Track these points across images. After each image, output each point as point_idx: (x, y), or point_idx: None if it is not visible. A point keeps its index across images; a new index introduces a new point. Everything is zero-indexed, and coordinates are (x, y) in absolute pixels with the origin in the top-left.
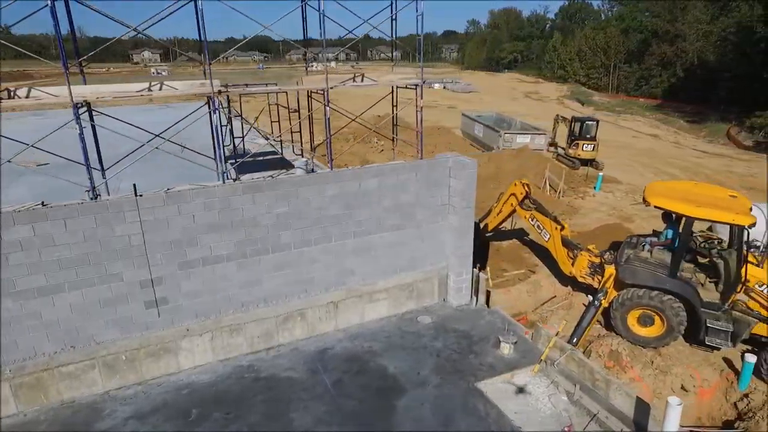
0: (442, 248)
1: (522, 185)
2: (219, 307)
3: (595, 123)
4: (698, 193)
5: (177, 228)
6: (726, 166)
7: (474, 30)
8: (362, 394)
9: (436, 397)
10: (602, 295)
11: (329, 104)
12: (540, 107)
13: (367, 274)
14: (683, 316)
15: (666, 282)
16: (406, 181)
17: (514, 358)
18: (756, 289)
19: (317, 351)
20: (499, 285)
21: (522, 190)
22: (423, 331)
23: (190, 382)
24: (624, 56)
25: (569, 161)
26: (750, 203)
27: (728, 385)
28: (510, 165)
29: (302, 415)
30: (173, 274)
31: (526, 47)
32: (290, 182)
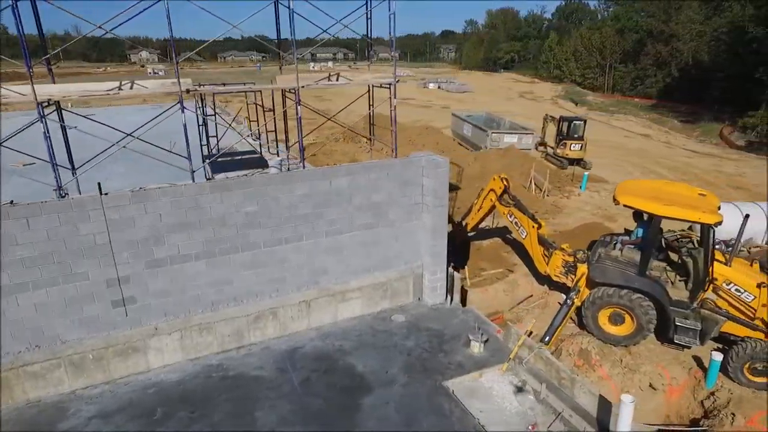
0: (416, 247)
1: (500, 180)
2: (188, 306)
3: (582, 123)
4: (668, 191)
5: (143, 227)
6: (715, 165)
7: (472, 30)
8: (328, 393)
9: (402, 396)
10: (574, 294)
11: (300, 103)
12: (534, 107)
13: (339, 273)
14: (652, 315)
15: (635, 280)
16: (378, 180)
17: (483, 356)
18: (723, 287)
19: (288, 350)
20: (477, 284)
21: (500, 184)
22: (395, 329)
23: (157, 381)
24: (619, 56)
25: (557, 161)
26: (718, 202)
27: (696, 384)
28: (496, 164)
29: (266, 414)
30: (140, 273)
31: (523, 47)
32: (259, 181)
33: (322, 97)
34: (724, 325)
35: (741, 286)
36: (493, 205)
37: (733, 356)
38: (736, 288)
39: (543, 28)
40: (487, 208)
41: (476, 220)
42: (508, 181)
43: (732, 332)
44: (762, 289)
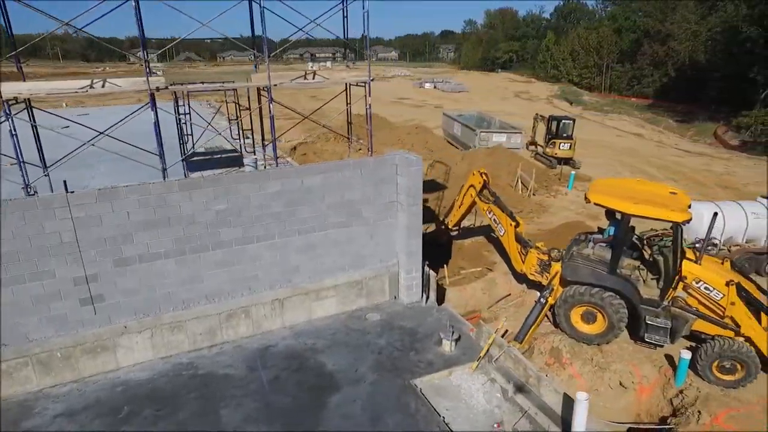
0: (392, 246)
1: (479, 174)
2: (158, 305)
3: (571, 122)
4: (639, 190)
5: (111, 225)
6: (705, 165)
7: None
8: (296, 391)
9: (370, 394)
10: (548, 293)
11: (273, 101)
12: (528, 107)
13: (313, 271)
14: (623, 313)
15: (605, 279)
16: (352, 179)
17: (454, 355)
18: (693, 285)
19: (260, 348)
20: (456, 283)
21: (480, 179)
22: (369, 328)
23: (126, 380)
24: (616, 56)
25: (546, 160)
26: (689, 201)
27: (666, 382)
28: (483, 163)
29: (232, 412)
30: (109, 271)
31: (521, 47)
32: (228, 179)
33: (317, 96)
34: (695, 323)
35: (710, 284)
36: (473, 201)
37: (701, 354)
38: (705, 286)
39: (541, 28)
40: (467, 204)
41: (458, 217)
42: (487, 176)
43: (703, 330)
44: (730, 287)
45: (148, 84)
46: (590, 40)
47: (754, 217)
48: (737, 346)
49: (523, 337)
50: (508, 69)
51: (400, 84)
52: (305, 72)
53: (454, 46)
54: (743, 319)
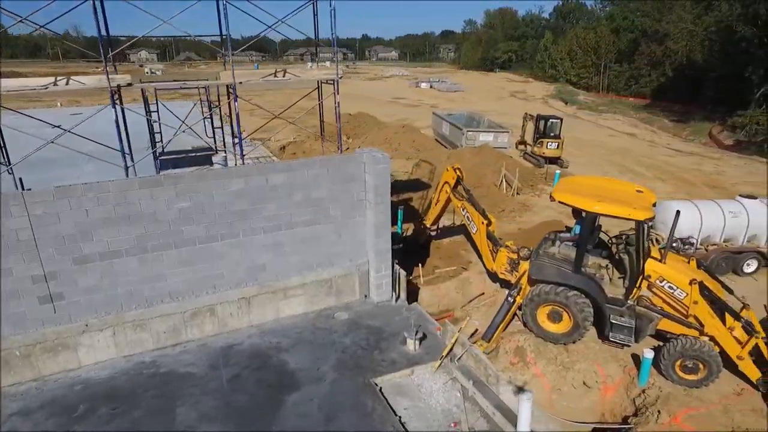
0: (362, 244)
1: (453, 170)
2: (120, 303)
3: (559, 121)
4: (605, 188)
5: (69, 223)
6: (695, 164)
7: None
8: (255, 390)
9: (328, 393)
10: (516, 292)
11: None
12: (523, 107)
13: (280, 270)
14: (588, 312)
15: (570, 277)
16: (318, 177)
17: (418, 354)
18: (657, 284)
19: (224, 347)
20: (430, 282)
21: (453, 175)
22: (336, 327)
23: (87, 378)
24: (614, 56)
25: (534, 159)
26: (654, 199)
27: (630, 381)
28: (469, 163)
29: (188, 411)
30: (68, 269)
31: (520, 47)
32: (190, 177)
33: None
34: (661, 322)
35: (673, 283)
36: (449, 198)
37: (664, 354)
38: (669, 285)
39: (540, 28)
40: (443, 201)
41: (435, 214)
42: (461, 171)
43: (668, 330)
44: (693, 286)
45: (108, 82)
46: (588, 40)
47: (732, 216)
48: (699, 345)
49: (491, 336)
50: (507, 69)
51: (397, 84)
52: (275, 70)
53: (455, 46)
54: (706, 318)
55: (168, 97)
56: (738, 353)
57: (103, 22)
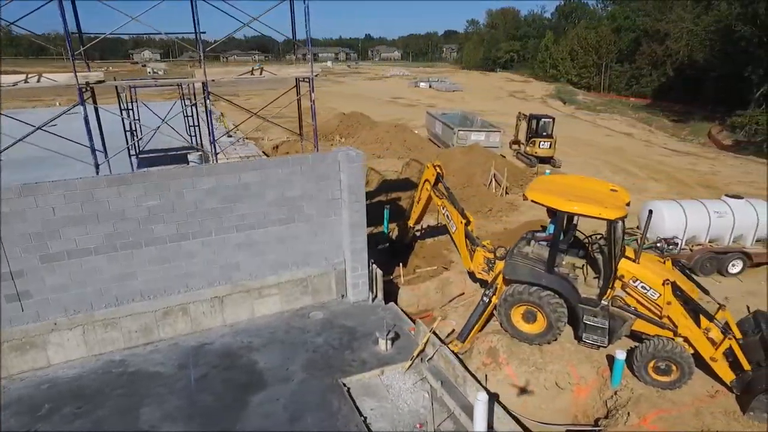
0: (338, 243)
1: (433, 167)
2: (90, 301)
3: (551, 121)
4: (580, 187)
5: (36, 220)
6: (691, 164)
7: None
8: (222, 390)
9: (294, 393)
10: (491, 292)
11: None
12: (521, 106)
13: (254, 268)
14: (561, 312)
15: (542, 277)
16: (292, 175)
17: (389, 354)
18: (630, 284)
19: (196, 346)
20: (410, 281)
21: (433, 172)
22: (310, 326)
23: (54, 377)
24: (615, 55)
25: (527, 159)
26: (627, 198)
27: (603, 383)
28: (458, 162)
29: (153, 410)
30: (35, 267)
31: (522, 47)
32: (159, 175)
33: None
34: (635, 323)
35: (647, 283)
36: (430, 196)
37: (637, 355)
38: (642, 285)
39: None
40: (425, 199)
41: (417, 213)
42: (441, 168)
43: (643, 331)
44: (665, 286)
45: (77, 80)
46: (589, 40)
47: (717, 216)
48: (671, 346)
49: (466, 336)
50: (509, 69)
51: (397, 84)
52: (252, 68)
53: (457, 46)
54: (679, 318)
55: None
56: (711, 354)
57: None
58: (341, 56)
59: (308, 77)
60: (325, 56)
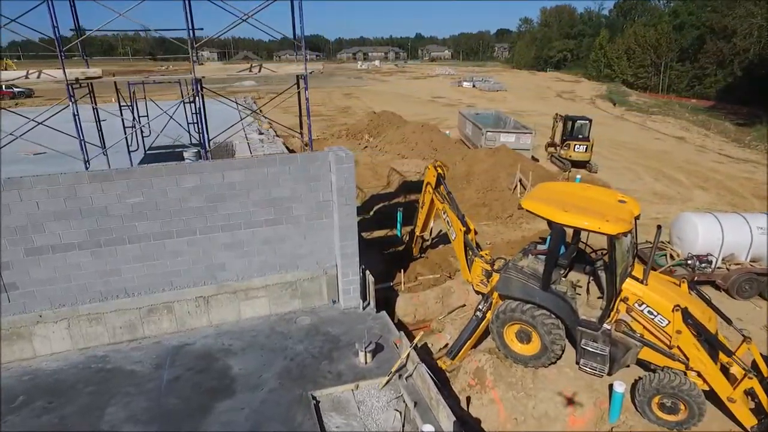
0: (330, 247)
1: (434, 168)
2: (75, 296)
3: (588, 122)
4: (584, 197)
5: (20, 214)
6: (748, 172)
7: (526, 28)
8: (190, 394)
9: (262, 403)
10: (486, 306)
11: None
12: (566, 107)
13: (241, 269)
14: (557, 335)
15: (536, 294)
16: (279, 175)
17: (368, 368)
18: (635, 308)
19: (177, 346)
20: (411, 289)
21: (434, 173)
22: (294, 332)
23: (37, 369)
24: (676, 54)
25: (561, 162)
26: (637, 211)
27: (600, 416)
28: (483, 165)
29: (118, 410)
30: (21, 260)
31: (576, 46)
32: (141, 172)
33: (352, 94)
34: (642, 351)
35: (654, 308)
36: (432, 200)
37: (639, 388)
38: (648, 310)
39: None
40: (428, 203)
41: (422, 220)
42: (443, 169)
43: (651, 360)
44: (676, 313)
45: (65, 76)
46: (648, 38)
47: (761, 232)
48: (679, 381)
49: (456, 353)
50: (561, 68)
51: (440, 83)
52: (250, 65)
53: (509, 45)
54: (691, 350)
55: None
56: (729, 394)
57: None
58: (391, 55)
59: (311, 73)
60: (375, 55)
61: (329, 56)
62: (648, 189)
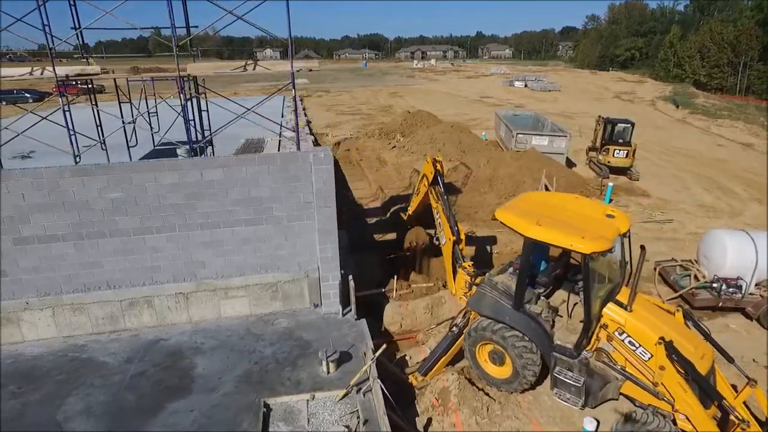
0: (312, 250)
1: (432, 163)
2: (59, 285)
3: (629, 126)
4: (566, 209)
5: (7, 205)
6: None
7: (593, 26)
8: (149, 391)
9: (213, 406)
10: (463, 321)
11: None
12: (622, 108)
13: (220, 268)
14: (530, 359)
15: (506, 314)
16: (259, 175)
17: (330, 377)
18: (615, 337)
19: (152, 341)
20: (403, 297)
21: (431, 168)
22: (268, 335)
23: (20, 354)
24: (758, 53)
25: (598, 168)
26: (625, 228)
27: None
28: (509, 168)
29: (77, 402)
30: (9, 248)
31: (645, 44)
32: (120, 168)
33: (397, 93)
34: (625, 386)
35: (635, 338)
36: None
37: (614, 428)
38: (630, 340)
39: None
40: (423, 193)
41: (414, 205)
42: (441, 165)
43: (635, 397)
44: (659, 346)
45: (55, 73)
46: (725, 35)
47: None
48: (658, 424)
49: (427, 370)
50: (628, 67)
51: (491, 82)
52: (245, 63)
53: (573, 44)
54: (676, 390)
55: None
56: None
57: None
58: (449, 54)
59: (312, 70)
60: (433, 54)
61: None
62: (694, 200)
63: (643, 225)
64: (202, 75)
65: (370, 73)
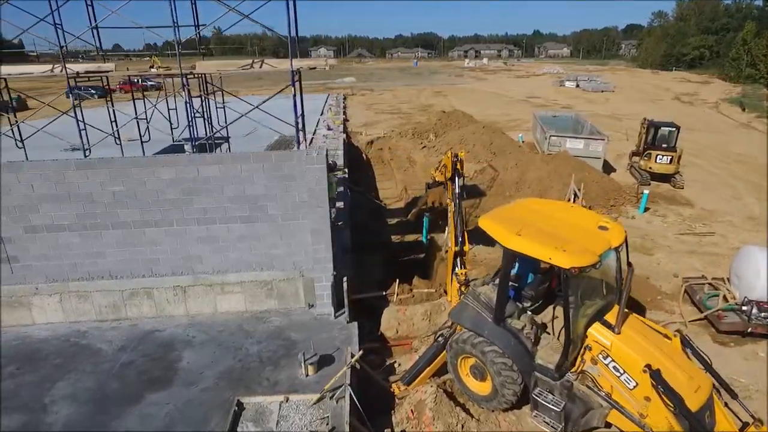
0: (307, 249)
1: (451, 157)
2: (66, 273)
3: (675, 130)
4: (555, 218)
5: (18, 195)
6: None
7: (660, 23)
8: (133, 381)
9: (187, 402)
10: (447, 332)
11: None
12: (680, 111)
13: (217, 264)
14: (508, 377)
15: (486, 327)
16: (253, 172)
17: (308, 380)
18: (600, 360)
19: (148, 331)
20: (403, 302)
21: (450, 165)
22: (258, 332)
23: (28, 335)
24: None
25: (638, 174)
26: (618, 241)
27: None
28: (537, 172)
29: (65, 386)
30: (20, 236)
31: (717, 42)
32: (121, 162)
33: (441, 92)
34: (612, 415)
35: (620, 363)
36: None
37: None
38: (614, 365)
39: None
40: (439, 179)
41: None
42: (461, 164)
43: (621, 427)
44: (645, 374)
45: (66, 71)
46: None
47: None
48: None
49: (410, 380)
50: (697, 67)
51: (543, 82)
52: (252, 60)
53: (637, 42)
54: (661, 423)
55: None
56: None
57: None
58: (504, 53)
59: (317, 68)
60: (486, 53)
61: (441, 54)
62: (744, 212)
63: (680, 237)
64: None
65: (418, 72)
